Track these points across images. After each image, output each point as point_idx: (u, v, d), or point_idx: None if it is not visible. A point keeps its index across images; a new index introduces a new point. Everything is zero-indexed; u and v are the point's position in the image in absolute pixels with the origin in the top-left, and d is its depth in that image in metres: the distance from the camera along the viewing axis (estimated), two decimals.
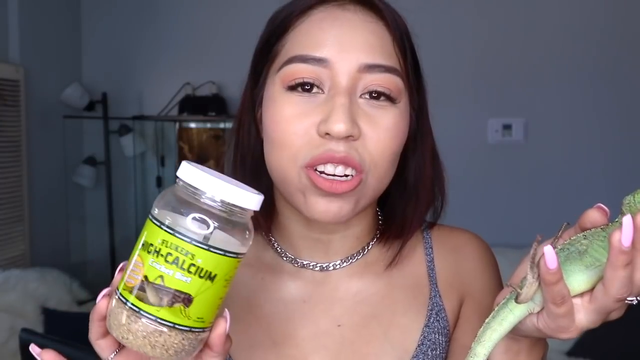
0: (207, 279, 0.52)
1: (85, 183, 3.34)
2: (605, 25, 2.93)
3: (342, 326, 0.73)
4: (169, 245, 0.51)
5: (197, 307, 0.52)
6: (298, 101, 0.66)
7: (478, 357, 0.56)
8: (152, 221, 0.53)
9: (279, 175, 0.69)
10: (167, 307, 0.51)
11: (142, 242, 0.53)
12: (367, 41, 0.67)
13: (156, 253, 0.51)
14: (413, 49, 0.72)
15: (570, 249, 0.53)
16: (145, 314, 0.52)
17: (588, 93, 2.97)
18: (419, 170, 0.75)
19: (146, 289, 0.52)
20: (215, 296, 0.53)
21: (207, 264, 0.51)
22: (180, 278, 0.51)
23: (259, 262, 0.78)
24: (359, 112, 0.66)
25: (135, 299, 0.52)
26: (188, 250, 0.51)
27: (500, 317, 0.55)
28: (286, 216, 0.75)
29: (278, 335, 0.73)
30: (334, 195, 0.66)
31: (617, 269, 0.48)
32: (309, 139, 0.65)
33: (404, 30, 0.70)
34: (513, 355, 0.60)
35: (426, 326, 0.73)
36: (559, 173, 2.96)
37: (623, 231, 0.47)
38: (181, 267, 0.51)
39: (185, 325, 0.52)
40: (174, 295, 0.51)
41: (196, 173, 0.52)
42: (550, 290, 0.50)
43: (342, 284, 0.75)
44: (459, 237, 0.80)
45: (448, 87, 2.93)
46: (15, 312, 2.47)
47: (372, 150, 0.66)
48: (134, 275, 0.53)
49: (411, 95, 0.71)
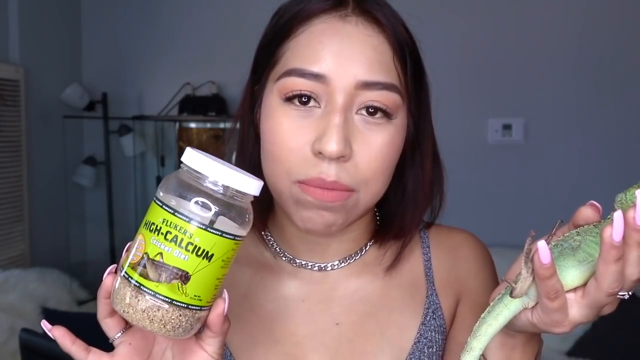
0: (204, 258, 0.54)
1: (85, 183, 3.34)
2: (605, 25, 2.93)
3: (340, 324, 0.74)
4: (169, 224, 0.54)
5: (194, 284, 0.54)
6: (294, 115, 0.67)
7: (474, 351, 0.57)
8: (156, 202, 0.56)
9: (273, 187, 0.70)
10: (165, 283, 0.54)
11: (145, 221, 0.56)
12: (366, 57, 0.66)
13: (157, 231, 0.54)
14: (417, 59, 0.72)
15: (563, 245, 0.55)
16: (146, 289, 0.54)
17: (588, 93, 2.97)
18: (417, 177, 0.75)
19: (147, 266, 0.54)
20: (212, 276, 0.55)
21: (204, 243, 0.54)
22: (178, 255, 0.54)
23: (259, 262, 0.79)
24: (354, 130, 0.66)
25: (137, 275, 0.55)
26: (186, 229, 0.53)
27: (495, 312, 0.56)
28: (284, 218, 0.76)
29: (278, 333, 0.74)
30: (325, 208, 0.66)
31: (609, 264, 0.49)
32: (302, 157, 0.66)
33: (405, 41, 0.69)
34: (508, 350, 0.61)
35: (422, 324, 0.74)
36: (558, 173, 2.96)
37: (614, 226, 0.48)
38: (179, 245, 0.53)
39: (183, 302, 0.55)
40: (172, 271, 0.54)
41: (200, 158, 0.54)
42: (544, 285, 0.51)
43: (340, 284, 0.76)
44: (456, 237, 0.81)
45: (448, 87, 2.93)
46: (15, 312, 2.47)
47: (364, 169, 0.66)
48: (136, 252, 0.55)
49: (409, 106, 0.71)
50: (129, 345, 0.60)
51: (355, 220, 0.72)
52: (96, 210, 3.45)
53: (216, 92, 3.24)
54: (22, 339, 1.73)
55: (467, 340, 0.58)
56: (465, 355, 0.58)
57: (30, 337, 1.73)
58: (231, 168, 0.55)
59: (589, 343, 2.56)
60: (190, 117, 3.24)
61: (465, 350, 0.58)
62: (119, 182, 3.39)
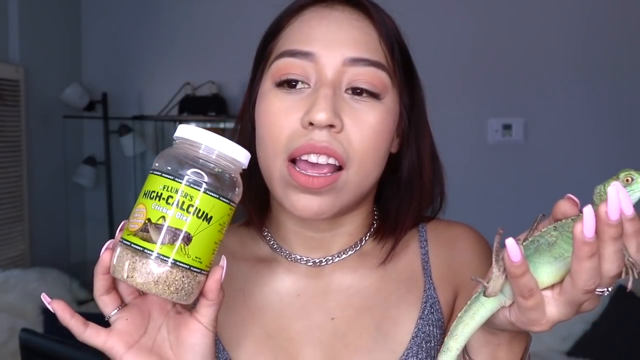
0: (204, 220, 0.56)
1: (85, 183, 3.34)
2: (605, 25, 2.93)
3: (335, 319, 0.74)
4: (170, 189, 0.56)
5: (195, 246, 0.56)
6: (285, 97, 0.69)
7: (450, 352, 0.56)
8: (154, 173, 0.58)
9: (264, 168, 0.72)
10: (169, 244, 0.56)
11: (144, 192, 0.58)
12: (353, 36, 0.70)
13: (158, 197, 0.56)
14: (403, 48, 0.74)
15: (540, 240, 0.53)
16: (149, 251, 0.56)
17: (588, 93, 2.97)
18: (412, 168, 0.76)
19: (149, 229, 0.56)
20: (211, 238, 0.58)
21: (203, 205, 0.56)
22: (180, 217, 0.56)
23: (254, 256, 0.79)
24: (344, 105, 0.68)
25: (139, 239, 0.56)
26: (187, 192, 0.56)
27: (472, 311, 0.55)
28: (280, 213, 0.77)
29: (272, 327, 0.74)
30: (313, 193, 0.67)
31: (582, 261, 0.48)
32: (292, 132, 0.68)
33: (392, 30, 0.73)
34: (493, 348, 0.61)
35: (420, 318, 0.74)
36: (558, 173, 2.96)
37: (584, 222, 0.46)
38: (181, 208, 0.56)
39: (185, 263, 0.56)
40: (175, 232, 0.56)
41: (193, 129, 0.58)
42: (517, 283, 0.50)
43: (336, 278, 0.76)
44: (454, 231, 0.81)
45: (448, 87, 2.93)
46: (15, 312, 2.47)
47: (356, 144, 0.68)
48: (137, 220, 0.57)
49: (400, 92, 0.73)
50: (125, 321, 0.61)
51: (348, 205, 0.72)
52: (96, 210, 3.44)
53: (216, 92, 3.24)
54: (22, 339, 1.73)
55: (444, 340, 0.57)
56: (442, 356, 0.57)
57: (30, 337, 1.73)
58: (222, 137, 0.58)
59: (589, 343, 2.56)
60: (190, 117, 3.24)
61: (442, 351, 0.57)
62: (119, 182, 3.38)
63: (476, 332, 0.57)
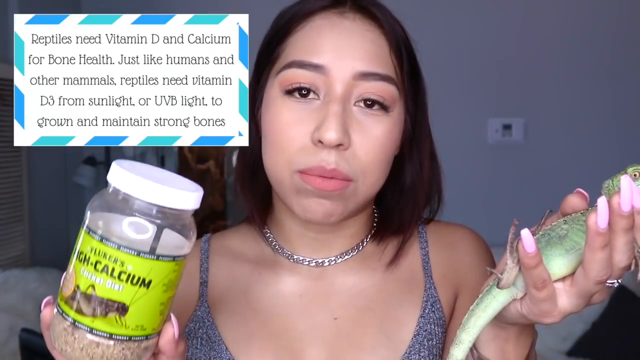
0: (142, 286, 0.50)
1: (85, 183, 3.34)
2: (605, 25, 2.93)
3: (338, 319, 0.75)
4: (98, 252, 0.49)
5: (134, 315, 0.50)
6: (295, 107, 0.69)
7: (463, 344, 0.57)
8: (83, 228, 0.51)
9: (273, 176, 0.71)
10: (101, 317, 0.49)
11: (75, 250, 0.52)
12: (364, 49, 0.69)
13: (86, 261, 0.50)
14: (412, 56, 0.74)
15: (551, 234, 0.54)
16: (80, 325, 0.50)
17: (588, 93, 2.97)
18: (415, 173, 0.77)
19: (79, 299, 0.50)
20: (154, 302, 0.51)
21: (138, 270, 0.49)
22: (111, 286, 0.49)
23: (257, 257, 0.79)
24: (352, 120, 0.68)
25: (69, 308, 0.50)
26: (117, 257, 0.49)
27: (484, 304, 0.56)
28: (283, 214, 0.77)
29: (276, 328, 0.75)
30: (324, 197, 0.68)
31: (595, 251, 0.49)
32: (302, 146, 0.68)
33: (402, 38, 0.72)
34: (501, 342, 0.61)
35: (422, 317, 0.74)
36: (558, 173, 2.96)
37: (598, 213, 0.48)
38: (111, 275, 0.49)
39: (124, 335, 0.50)
40: (107, 304, 0.49)
41: (126, 175, 0.50)
42: (531, 274, 0.51)
43: (338, 279, 0.77)
44: (454, 232, 0.81)
45: (448, 87, 2.93)
46: (15, 312, 2.48)
47: (362, 159, 0.68)
48: (68, 285, 0.51)
49: (406, 101, 0.73)
50: None
51: (354, 211, 0.72)
52: None
53: None
54: (22, 339, 1.73)
55: (457, 332, 0.58)
56: (454, 348, 0.58)
57: (30, 337, 1.73)
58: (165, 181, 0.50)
59: (589, 343, 2.56)
60: None
61: (454, 343, 0.58)
62: None
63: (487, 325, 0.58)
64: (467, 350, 0.58)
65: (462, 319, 0.57)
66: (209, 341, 0.74)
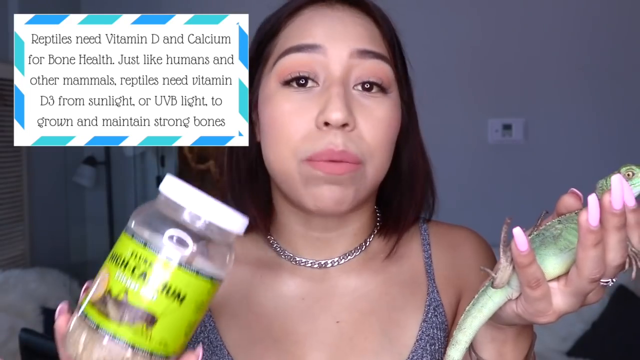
0: (175, 299, 0.48)
1: (85, 183, 3.34)
2: (605, 25, 2.93)
3: (340, 322, 0.74)
4: (139, 257, 0.48)
5: (161, 329, 0.48)
6: (295, 97, 0.68)
7: (459, 345, 0.57)
8: (126, 232, 0.50)
9: (279, 170, 0.70)
10: (127, 325, 0.48)
11: (112, 254, 0.50)
12: (357, 31, 0.70)
13: (124, 265, 0.49)
14: (400, 47, 0.75)
15: (545, 234, 0.54)
16: (103, 331, 0.48)
17: (588, 93, 2.97)
18: (412, 162, 0.77)
19: (108, 304, 0.48)
20: (183, 320, 0.49)
21: (176, 282, 0.48)
22: (145, 294, 0.48)
23: (258, 260, 0.79)
24: (354, 102, 0.68)
25: (96, 313, 0.49)
26: (158, 264, 0.48)
27: (480, 304, 0.56)
28: (285, 215, 0.76)
29: (278, 332, 0.74)
30: (335, 182, 0.67)
31: (588, 249, 0.49)
32: (307, 133, 0.67)
33: (391, 28, 0.73)
34: (499, 344, 0.61)
35: (424, 321, 0.74)
36: (559, 173, 2.96)
37: (589, 210, 0.48)
38: (148, 283, 0.48)
39: (146, 348, 0.48)
40: (137, 312, 0.48)
41: (180, 187, 0.49)
42: (524, 273, 0.51)
43: (341, 281, 0.76)
44: (457, 234, 0.81)
45: (448, 87, 2.93)
46: (15, 312, 2.48)
47: (369, 140, 0.68)
48: (98, 288, 0.49)
49: (401, 87, 0.74)
50: None
51: (363, 199, 0.72)
52: (96, 210, 3.45)
53: None
54: (22, 339, 1.73)
55: (453, 333, 0.58)
56: (451, 349, 0.58)
57: (30, 337, 1.73)
58: (215, 201, 0.50)
59: (589, 343, 2.56)
60: None
61: (451, 344, 0.58)
62: (119, 182, 3.38)
63: (483, 327, 0.58)
64: (463, 350, 0.58)
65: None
66: (210, 346, 0.73)
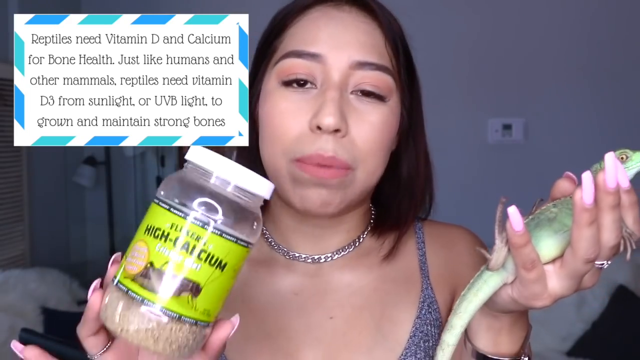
0: (217, 268, 0.49)
1: (85, 183, 3.34)
2: (605, 25, 2.93)
3: (334, 318, 0.74)
4: (179, 229, 0.48)
5: (205, 298, 0.49)
6: (292, 97, 0.69)
7: (455, 329, 0.57)
8: (160, 205, 0.50)
9: (271, 167, 0.71)
10: (174, 297, 0.48)
11: (147, 226, 0.50)
12: (359, 39, 0.70)
13: (164, 237, 0.48)
14: (407, 50, 0.75)
15: (540, 217, 0.55)
16: (149, 303, 0.48)
17: (588, 93, 2.97)
18: (412, 167, 0.77)
19: (151, 276, 0.48)
20: (223, 287, 0.50)
21: (218, 250, 0.48)
22: (189, 265, 0.48)
23: (253, 255, 0.79)
24: (349, 107, 0.69)
25: (138, 286, 0.48)
26: (200, 235, 0.48)
27: (475, 289, 0.56)
28: (279, 210, 0.77)
29: (271, 327, 0.74)
30: (322, 185, 0.68)
31: (582, 228, 0.49)
32: (300, 134, 0.68)
33: (397, 32, 0.73)
34: (495, 333, 0.61)
35: (418, 318, 0.74)
36: (559, 173, 2.95)
37: (583, 188, 0.48)
38: (191, 253, 0.48)
39: (192, 318, 0.49)
40: (182, 283, 0.48)
41: (207, 155, 0.50)
42: (519, 254, 0.51)
43: (334, 276, 0.76)
44: (451, 233, 0.82)
45: (448, 87, 2.93)
46: (15, 312, 2.47)
47: (360, 146, 0.68)
48: (136, 262, 0.49)
49: (402, 94, 0.74)
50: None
51: (352, 202, 0.72)
52: (96, 210, 3.45)
53: None
54: (22, 339, 1.73)
55: (448, 318, 0.58)
56: (446, 334, 0.58)
57: (30, 337, 1.73)
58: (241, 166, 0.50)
59: (589, 343, 2.56)
60: None
61: (446, 329, 0.58)
62: (119, 182, 3.39)
63: (478, 315, 0.58)
64: (459, 335, 0.58)
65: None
66: None
